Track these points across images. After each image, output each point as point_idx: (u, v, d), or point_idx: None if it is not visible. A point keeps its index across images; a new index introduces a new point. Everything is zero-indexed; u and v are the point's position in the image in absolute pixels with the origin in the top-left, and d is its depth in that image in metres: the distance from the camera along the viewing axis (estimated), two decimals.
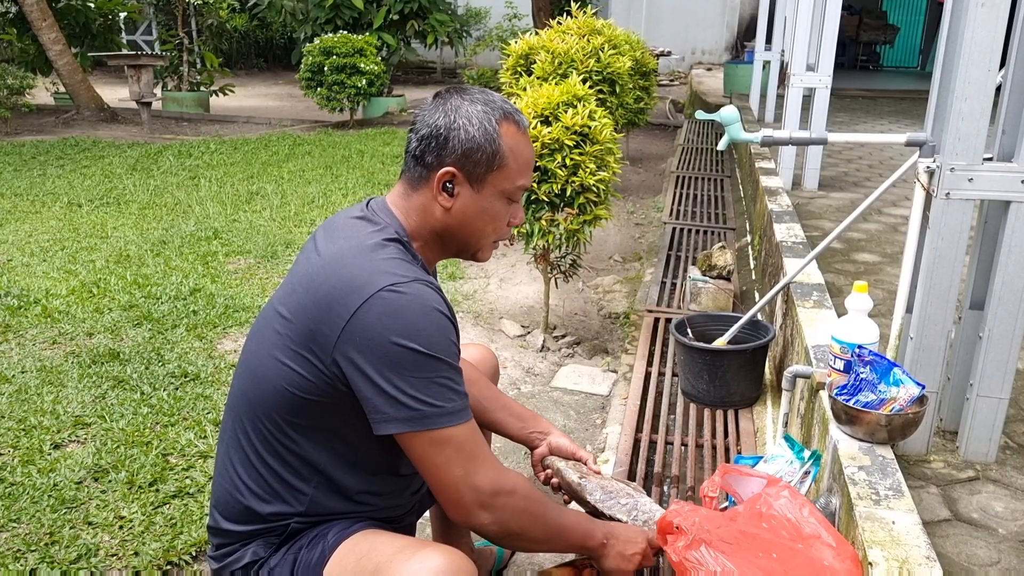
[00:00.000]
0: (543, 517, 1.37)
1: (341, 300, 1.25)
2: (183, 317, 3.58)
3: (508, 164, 1.36)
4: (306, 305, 1.29)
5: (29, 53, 10.21)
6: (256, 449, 1.37)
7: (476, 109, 1.35)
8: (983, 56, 1.68)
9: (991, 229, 1.93)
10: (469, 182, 1.35)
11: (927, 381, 1.82)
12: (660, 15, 14.89)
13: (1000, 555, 1.62)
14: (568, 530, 1.42)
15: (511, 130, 1.37)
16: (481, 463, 1.29)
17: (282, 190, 6.16)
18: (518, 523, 1.34)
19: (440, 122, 1.34)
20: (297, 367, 1.30)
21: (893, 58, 14.61)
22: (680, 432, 2.73)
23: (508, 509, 1.32)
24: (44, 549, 2.05)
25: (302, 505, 1.38)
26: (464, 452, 1.28)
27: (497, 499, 1.30)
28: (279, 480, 1.37)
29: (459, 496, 1.29)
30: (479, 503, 1.29)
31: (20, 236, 4.84)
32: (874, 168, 5.52)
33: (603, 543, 1.46)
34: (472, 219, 1.38)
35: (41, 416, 2.70)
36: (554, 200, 3.19)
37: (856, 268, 3.36)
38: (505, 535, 1.35)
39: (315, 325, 1.27)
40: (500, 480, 1.31)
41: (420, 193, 1.37)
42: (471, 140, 1.33)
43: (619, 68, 5.28)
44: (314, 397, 1.30)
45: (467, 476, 1.28)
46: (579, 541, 1.44)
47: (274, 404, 1.34)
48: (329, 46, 8.98)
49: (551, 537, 1.40)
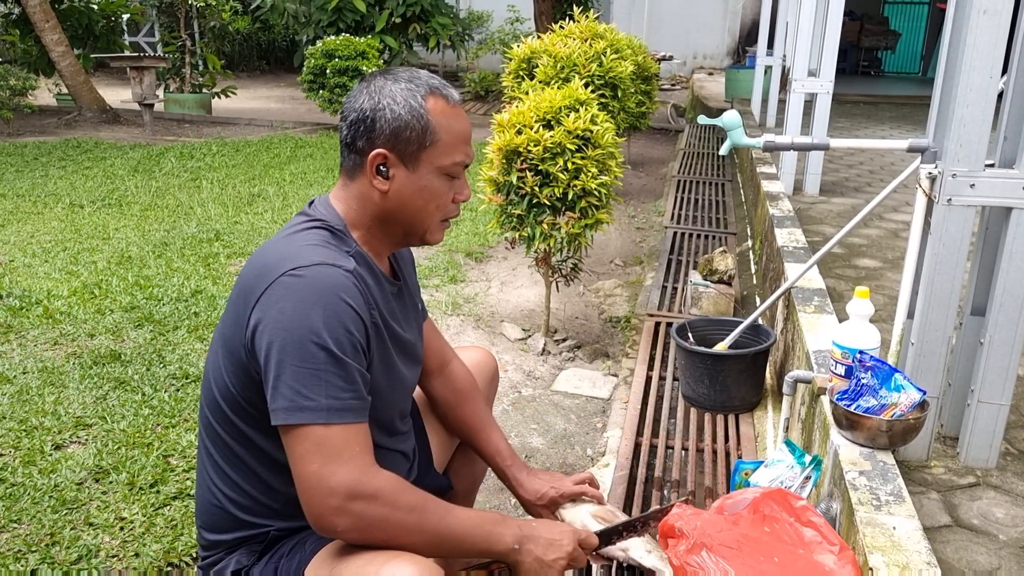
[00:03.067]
0: (417, 526, 1.23)
1: (253, 286, 1.26)
2: (184, 319, 3.59)
3: (440, 139, 1.32)
4: (233, 299, 1.32)
5: (32, 54, 10.22)
6: (223, 454, 1.38)
7: (400, 87, 1.32)
8: (985, 62, 1.68)
9: (992, 235, 1.93)
10: (403, 162, 1.32)
11: (928, 387, 1.82)
12: (661, 20, 14.91)
13: (1000, 561, 1.62)
14: (460, 537, 1.28)
15: (439, 105, 1.33)
16: (344, 463, 1.19)
17: (284, 192, 6.16)
18: (383, 531, 1.21)
19: (366, 105, 1.32)
20: (229, 365, 1.32)
21: (894, 64, 14.62)
22: (680, 436, 2.73)
23: (367, 517, 1.19)
24: (45, 550, 2.05)
25: (277, 503, 1.38)
26: (326, 450, 1.18)
27: (354, 504, 1.18)
28: (249, 479, 1.37)
29: (311, 496, 1.19)
30: (332, 506, 1.18)
31: (22, 237, 4.84)
32: (875, 173, 5.52)
33: (514, 548, 1.32)
34: (411, 199, 1.35)
35: (42, 417, 2.70)
36: (556, 204, 3.19)
37: (857, 273, 3.37)
38: (368, 541, 1.22)
39: (236, 317, 1.29)
40: (361, 482, 1.19)
41: (357, 182, 1.36)
42: (398, 119, 1.30)
43: (621, 72, 5.30)
44: (250, 395, 1.30)
45: (322, 475, 1.18)
46: (481, 547, 1.31)
47: (226, 405, 1.35)
48: (331, 49, 8.99)
49: (435, 544, 1.26)
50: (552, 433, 2.89)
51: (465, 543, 1.29)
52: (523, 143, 3.14)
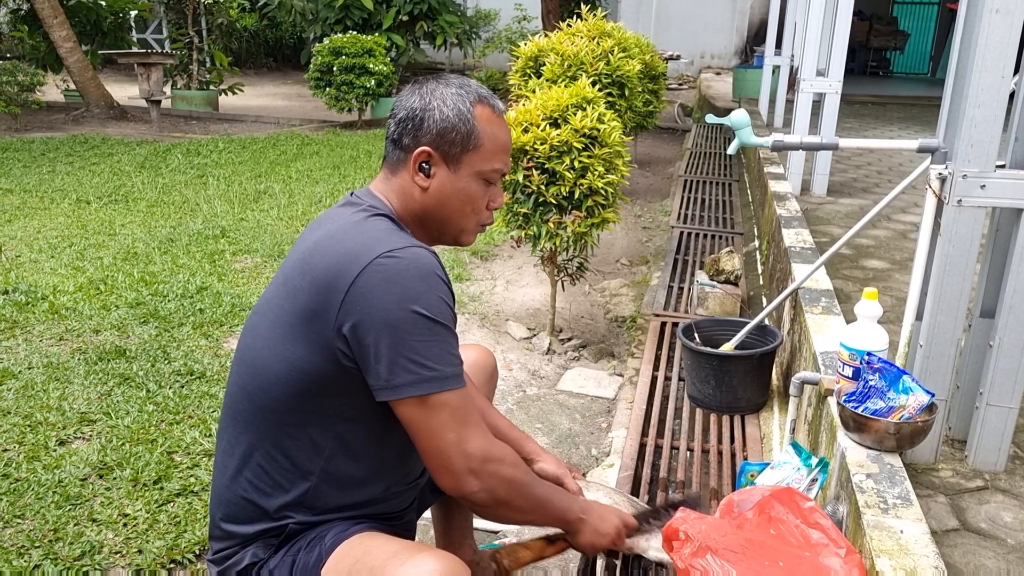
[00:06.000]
0: (528, 487, 1.38)
1: (339, 272, 1.26)
2: (189, 315, 3.59)
3: (483, 145, 1.38)
4: (303, 287, 1.30)
5: (40, 50, 10.25)
6: (258, 443, 1.37)
7: (451, 91, 1.38)
8: (997, 62, 1.67)
9: (1003, 237, 1.91)
10: (445, 162, 1.38)
11: (936, 389, 1.80)
12: (669, 19, 14.88)
13: (1008, 566, 1.60)
14: (550, 502, 1.43)
15: (486, 112, 1.39)
16: (473, 429, 1.30)
17: (290, 189, 6.17)
18: (506, 492, 1.34)
19: (416, 104, 1.38)
20: (299, 350, 1.30)
21: (903, 64, 14.57)
22: (686, 437, 2.72)
23: (496, 477, 1.31)
24: (48, 546, 2.05)
25: (302, 495, 1.37)
26: (458, 417, 1.27)
27: (487, 466, 1.30)
28: (281, 471, 1.37)
29: (450, 462, 1.28)
30: (469, 469, 1.29)
31: (29, 232, 4.86)
32: (883, 174, 5.50)
33: (580, 518, 1.47)
34: (449, 199, 1.40)
35: (47, 412, 2.71)
36: (562, 203, 3.18)
37: (865, 274, 3.35)
38: (492, 503, 1.34)
39: (315, 304, 1.28)
40: (491, 447, 1.31)
41: (399, 176, 1.40)
42: (446, 120, 1.36)
43: (628, 71, 5.28)
44: (318, 379, 1.31)
45: (459, 442, 1.28)
46: (559, 514, 1.45)
47: (276, 394, 1.34)
48: (338, 46, 9.00)
49: (534, 507, 1.40)
50: (557, 433, 2.88)
51: (551, 509, 1.44)
52: (530, 141, 3.13)
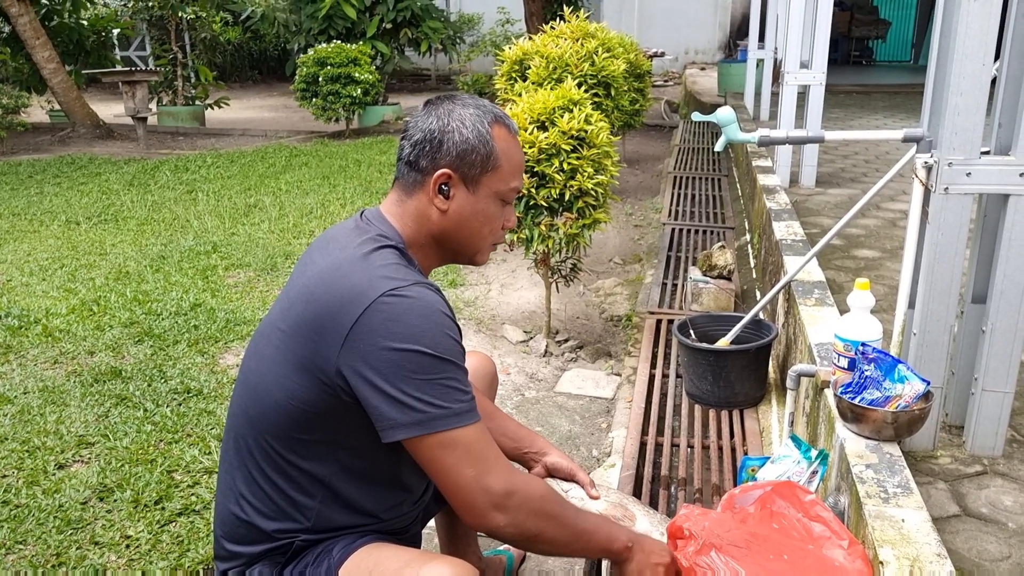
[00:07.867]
0: (561, 518, 1.33)
1: (342, 309, 1.25)
2: (184, 332, 3.58)
3: (501, 165, 1.39)
4: (306, 318, 1.29)
5: (23, 72, 10.23)
6: (260, 467, 1.37)
7: (469, 112, 1.38)
8: (977, 50, 1.68)
9: (991, 223, 1.92)
10: (464, 183, 1.38)
11: (931, 377, 1.81)
12: (652, 16, 14.92)
13: (1011, 550, 1.61)
14: (589, 533, 1.37)
15: (503, 133, 1.40)
16: (492, 464, 1.27)
17: (280, 202, 6.16)
18: (536, 524, 1.29)
19: (434, 126, 1.37)
20: (300, 380, 1.29)
21: (885, 53, 14.63)
22: (686, 434, 2.73)
23: (523, 510, 1.28)
24: (51, 571, 2.05)
25: (308, 520, 1.37)
26: (473, 453, 1.25)
27: (511, 500, 1.27)
28: (284, 496, 1.36)
29: (472, 499, 1.26)
30: (493, 504, 1.26)
31: (19, 256, 4.84)
32: (871, 163, 5.52)
33: (628, 547, 1.41)
34: (468, 220, 1.40)
35: (44, 436, 2.70)
36: (553, 205, 3.19)
37: (856, 264, 3.36)
38: (522, 537, 1.31)
39: (317, 337, 1.27)
40: (513, 480, 1.28)
41: (415, 198, 1.39)
42: (466, 142, 1.36)
43: (613, 71, 5.29)
44: (318, 410, 1.30)
45: (479, 477, 1.25)
46: (602, 544, 1.39)
47: (277, 420, 1.33)
48: (323, 56, 8.99)
49: (572, 539, 1.35)
50: (557, 435, 2.88)
51: (593, 539, 1.38)
52: None
